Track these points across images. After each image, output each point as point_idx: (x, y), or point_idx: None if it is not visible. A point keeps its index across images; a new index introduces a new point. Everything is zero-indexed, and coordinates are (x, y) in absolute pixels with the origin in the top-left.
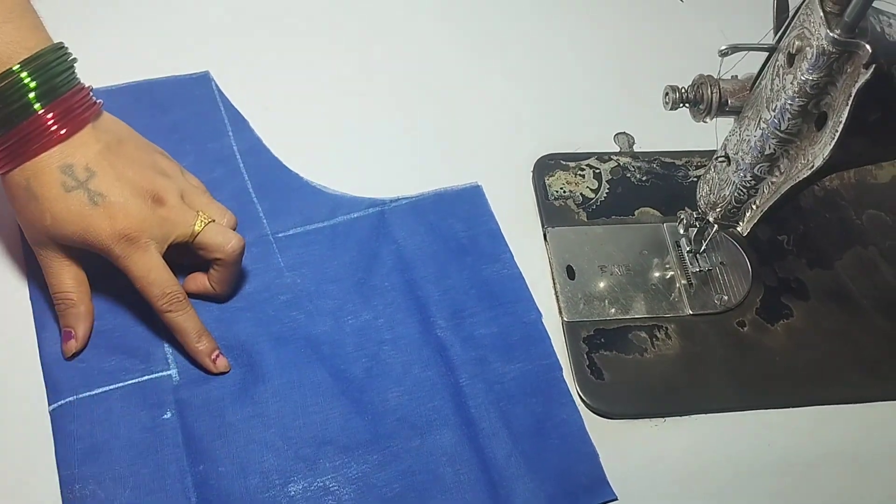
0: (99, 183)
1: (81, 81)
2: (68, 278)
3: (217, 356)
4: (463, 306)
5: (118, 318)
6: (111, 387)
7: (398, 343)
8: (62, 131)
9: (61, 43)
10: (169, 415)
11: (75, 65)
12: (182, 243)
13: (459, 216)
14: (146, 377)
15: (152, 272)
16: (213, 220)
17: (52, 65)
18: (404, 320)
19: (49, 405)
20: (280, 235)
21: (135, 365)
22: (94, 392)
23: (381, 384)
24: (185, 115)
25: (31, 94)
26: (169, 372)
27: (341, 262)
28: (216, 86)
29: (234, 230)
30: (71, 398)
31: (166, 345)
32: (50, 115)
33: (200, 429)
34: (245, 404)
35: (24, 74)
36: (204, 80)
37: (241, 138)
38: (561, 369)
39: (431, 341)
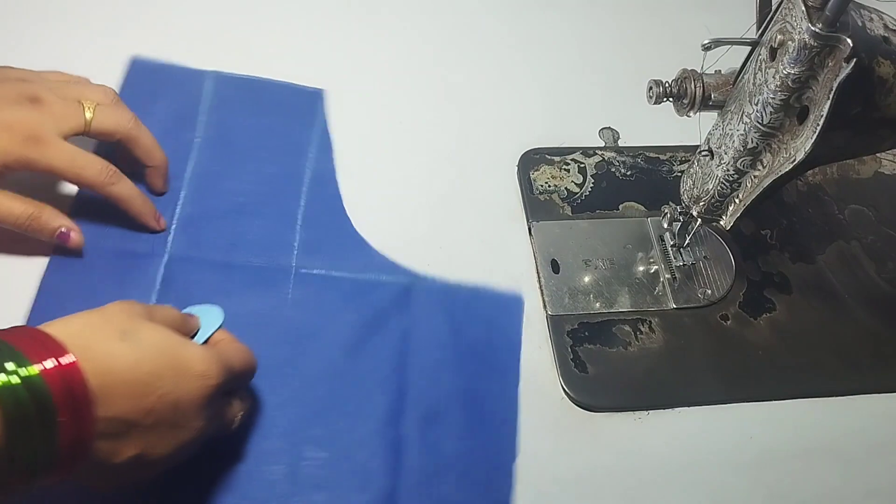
0: None
1: None
2: (14, 202)
3: (160, 217)
4: (442, 411)
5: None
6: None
7: (358, 421)
8: None
9: None
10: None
11: None
12: (79, 135)
13: (487, 319)
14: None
15: (77, 158)
16: (99, 104)
17: None
18: (375, 400)
19: None
20: (303, 271)
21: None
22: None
23: (319, 456)
24: (281, 123)
25: None
26: None
27: (347, 318)
28: (324, 106)
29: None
30: None
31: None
32: None
33: None
34: None
35: None
36: (315, 96)
37: (319, 163)
38: None
39: (391, 434)
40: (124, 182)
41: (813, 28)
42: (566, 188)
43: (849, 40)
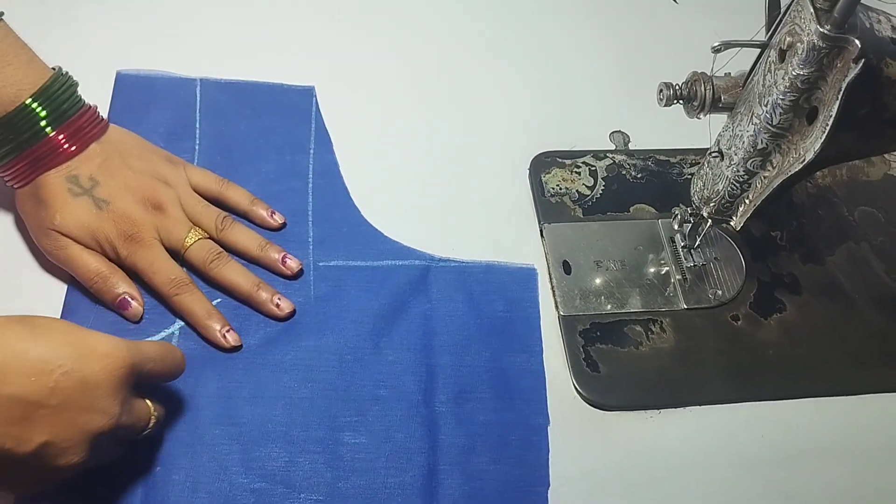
0: (102, 191)
1: (87, 102)
2: (91, 259)
3: (228, 331)
4: (471, 387)
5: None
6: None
7: (391, 404)
8: (72, 148)
9: (60, 68)
10: None
11: (77, 88)
12: (174, 252)
13: (504, 294)
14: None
15: (155, 262)
16: (207, 237)
17: (58, 93)
18: (406, 383)
19: None
20: (321, 265)
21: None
22: None
23: (358, 441)
24: (277, 123)
25: (43, 122)
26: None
27: (369, 305)
28: (316, 102)
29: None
30: None
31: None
32: (61, 137)
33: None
34: (220, 416)
35: (34, 105)
36: (306, 93)
37: (320, 158)
38: (548, 486)
39: (425, 413)
40: (190, 295)
41: (821, 30)
42: (577, 191)
43: (857, 41)
